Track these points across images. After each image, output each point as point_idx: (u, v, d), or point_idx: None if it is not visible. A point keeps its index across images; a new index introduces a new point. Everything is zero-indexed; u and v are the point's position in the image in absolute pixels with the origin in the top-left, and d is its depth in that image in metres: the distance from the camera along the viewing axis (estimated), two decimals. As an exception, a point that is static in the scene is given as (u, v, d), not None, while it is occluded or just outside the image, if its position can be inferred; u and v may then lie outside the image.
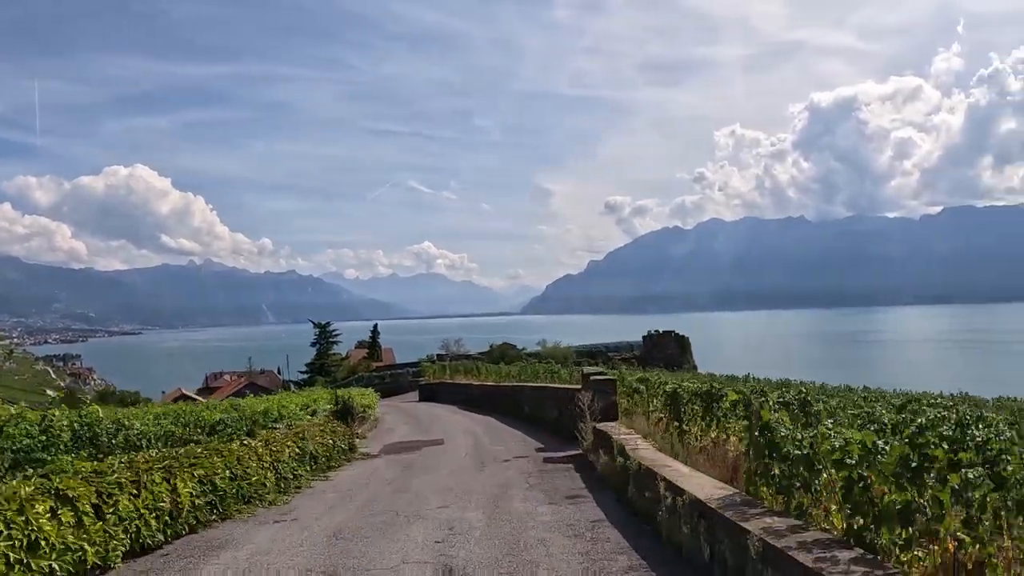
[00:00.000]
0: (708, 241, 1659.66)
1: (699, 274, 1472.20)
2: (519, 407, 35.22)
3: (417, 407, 50.33)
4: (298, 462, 18.20)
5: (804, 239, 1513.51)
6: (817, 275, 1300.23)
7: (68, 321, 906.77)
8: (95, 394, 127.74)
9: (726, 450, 12.46)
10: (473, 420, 35.85)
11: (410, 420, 38.24)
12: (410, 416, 41.19)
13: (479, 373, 55.99)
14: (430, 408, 48.08)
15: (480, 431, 30.37)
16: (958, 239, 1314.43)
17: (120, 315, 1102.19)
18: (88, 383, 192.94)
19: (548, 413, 29.36)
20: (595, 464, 17.87)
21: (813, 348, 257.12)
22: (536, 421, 31.25)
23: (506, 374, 49.66)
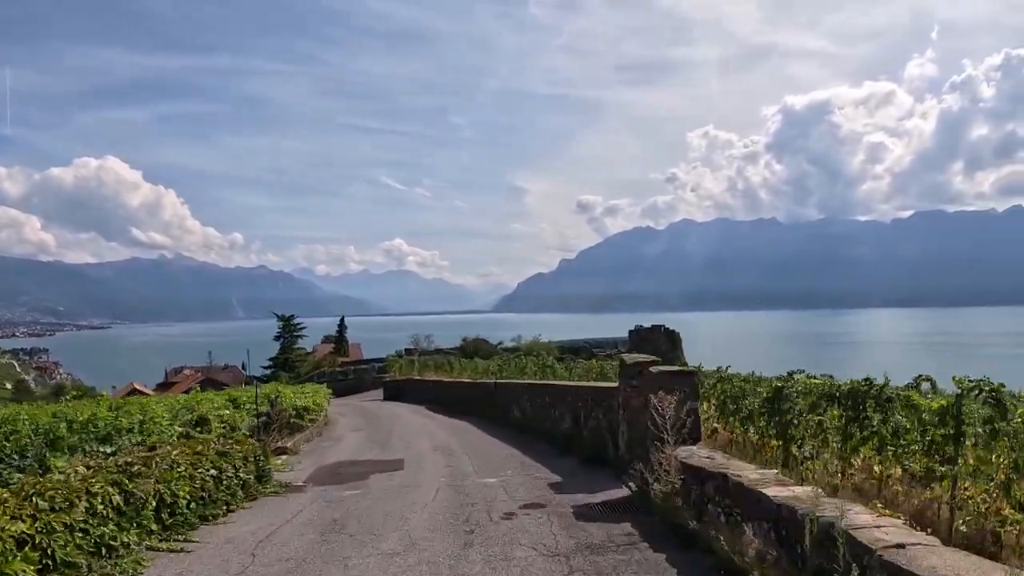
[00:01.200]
0: (680, 241, 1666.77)
1: (670, 274, 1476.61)
2: (505, 411, 28.22)
3: (379, 408, 44.20)
4: (114, 524, 9.87)
5: (775, 241, 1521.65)
6: (788, 277, 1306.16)
7: (36, 315, 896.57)
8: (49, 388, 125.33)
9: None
10: (446, 427, 28.56)
11: (367, 425, 30.88)
12: (368, 419, 34.09)
13: (451, 369, 49.93)
14: (394, 409, 42.13)
15: (456, 446, 22.29)
16: (928, 243, 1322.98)
17: (89, 309, 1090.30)
18: (54, 377, 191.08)
19: (556, 423, 21.22)
20: (696, 536, 9.86)
21: (789, 348, 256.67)
22: (533, 431, 23.60)
23: (484, 370, 42.00)
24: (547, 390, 23.66)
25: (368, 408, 43.82)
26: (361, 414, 38.43)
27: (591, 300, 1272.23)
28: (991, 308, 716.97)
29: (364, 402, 52.68)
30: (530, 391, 25.59)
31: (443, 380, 45.82)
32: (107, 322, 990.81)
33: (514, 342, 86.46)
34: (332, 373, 76.54)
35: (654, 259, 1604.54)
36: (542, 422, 23.18)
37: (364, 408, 43.99)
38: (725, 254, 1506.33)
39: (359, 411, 41.04)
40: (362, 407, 45.02)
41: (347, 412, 39.65)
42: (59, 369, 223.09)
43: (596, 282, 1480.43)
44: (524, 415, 25.76)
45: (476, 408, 32.95)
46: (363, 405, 47.75)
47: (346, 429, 29.75)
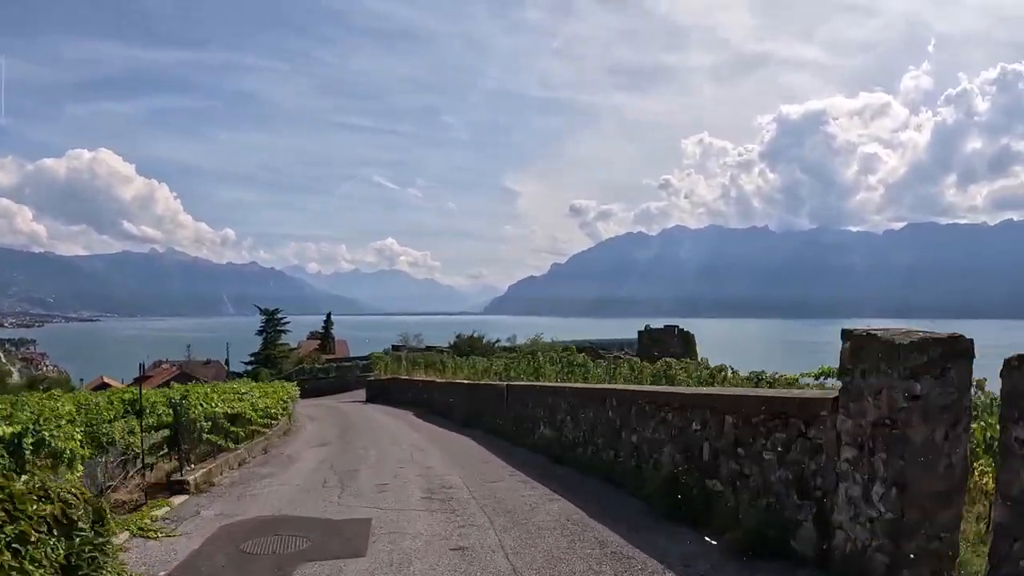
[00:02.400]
0: (672, 248, 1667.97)
1: (662, 280, 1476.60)
2: (523, 425, 20.93)
3: (358, 412, 38.75)
4: None
5: (768, 249, 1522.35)
6: (780, 285, 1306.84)
7: (25, 305, 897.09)
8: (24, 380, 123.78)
9: None
10: (441, 446, 20.88)
11: (336, 438, 23.98)
12: (341, 429, 27.44)
13: (444, 369, 43.55)
14: (375, 414, 36.51)
15: (465, 490, 13.51)
16: (920, 255, 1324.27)
17: (78, 301, 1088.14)
18: (40, 369, 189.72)
19: (639, 457, 12.62)
20: None
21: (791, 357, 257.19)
22: (583, 466, 15.12)
23: (484, 370, 36.23)
24: (613, 396, 14.40)
25: (345, 412, 38.22)
26: (334, 421, 32.26)
27: (583, 304, 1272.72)
28: (981, 321, 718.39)
29: (343, 403, 48.77)
30: (574, 398, 16.72)
31: (435, 381, 39.07)
32: (96, 315, 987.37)
33: (509, 342, 78.81)
34: (312, 370, 73.07)
35: (646, 265, 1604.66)
36: (601, 451, 14.57)
37: (340, 412, 38.44)
38: (717, 261, 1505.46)
39: (333, 416, 35.44)
40: (338, 410, 39.78)
41: (318, 417, 34.46)
42: (45, 361, 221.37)
43: (588, 286, 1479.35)
44: (560, 435, 17.27)
45: (480, 418, 26.41)
46: (340, 408, 42.79)
47: (306, 444, 22.41)
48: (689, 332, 69.71)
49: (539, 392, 20.29)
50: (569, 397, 17.17)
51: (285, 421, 26.58)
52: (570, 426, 16.73)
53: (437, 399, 36.45)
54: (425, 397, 39.52)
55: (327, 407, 43.56)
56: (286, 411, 27.65)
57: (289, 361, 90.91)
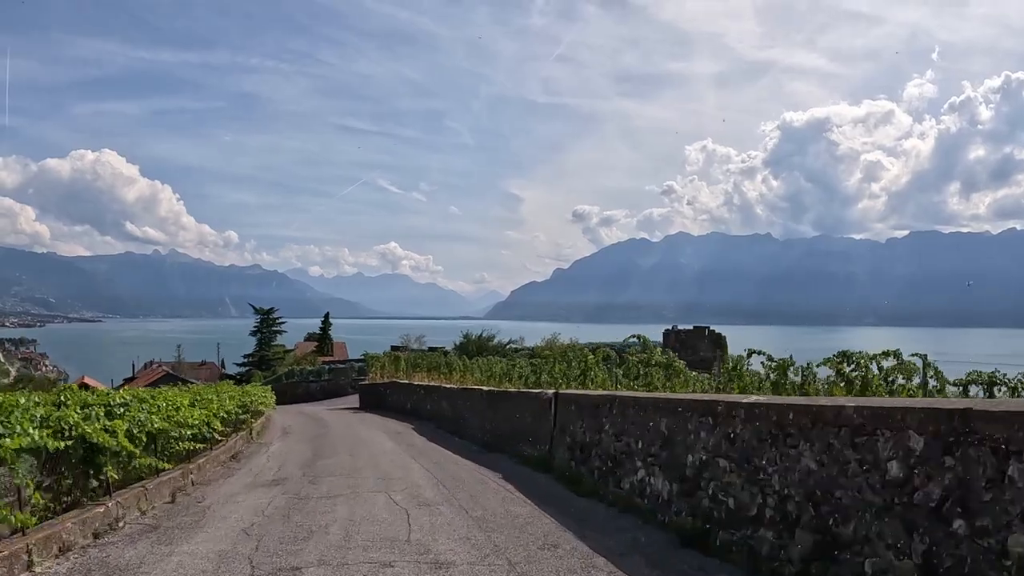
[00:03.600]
0: (674, 254, 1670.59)
1: (665, 286, 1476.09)
2: (589, 458, 13.82)
3: (346, 425, 31.39)
4: None
5: (770, 257, 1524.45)
6: (781, 293, 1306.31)
7: (27, 305, 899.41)
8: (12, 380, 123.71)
9: None
10: (465, 501, 12.63)
11: (294, 477, 15.84)
12: (311, 457, 19.49)
13: (450, 372, 37.11)
14: (366, 429, 28.90)
15: None
16: (923, 263, 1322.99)
17: (80, 302, 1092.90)
18: (40, 369, 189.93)
19: None
20: None
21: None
22: None
23: (503, 373, 29.49)
24: None
25: (329, 425, 31.48)
26: (312, 437, 25.76)
27: (585, 309, 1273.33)
28: (983, 330, 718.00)
29: (331, 412, 43.45)
30: (746, 426, 8.43)
31: (441, 387, 32.48)
32: (98, 315, 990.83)
33: (515, 343, 70.14)
34: (302, 373, 67.72)
35: (648, 271, 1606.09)
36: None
37: (323, 424, 31.88)
38: (719, 268, 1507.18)
39: (312, 429, 29.23)
40: (321, 422, 33.17)
41: (294, 430, 28.71)
42: (45, 361, 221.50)
43: (590, 292, 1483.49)
44: (701, 495, 9.24)
45: (510, 440, 19.53)
46: (325, 418, 36.35)
47: (247, 483, 15.12)
48: (721, 334, 63.31)
49: (632, 406, 12.07)
50: (728, 421, 8.76)
51: (240, 439, 22.08)
52: (731, 481, 8.55)
53: (444, 409, 30.15)
54: (429, 407, 33.44)
55: (311, 417, 37.97)
56: (244, 425, 23.81)
57: (285, 363, 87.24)
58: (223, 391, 23.36)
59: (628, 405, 12.29)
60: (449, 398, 29.95)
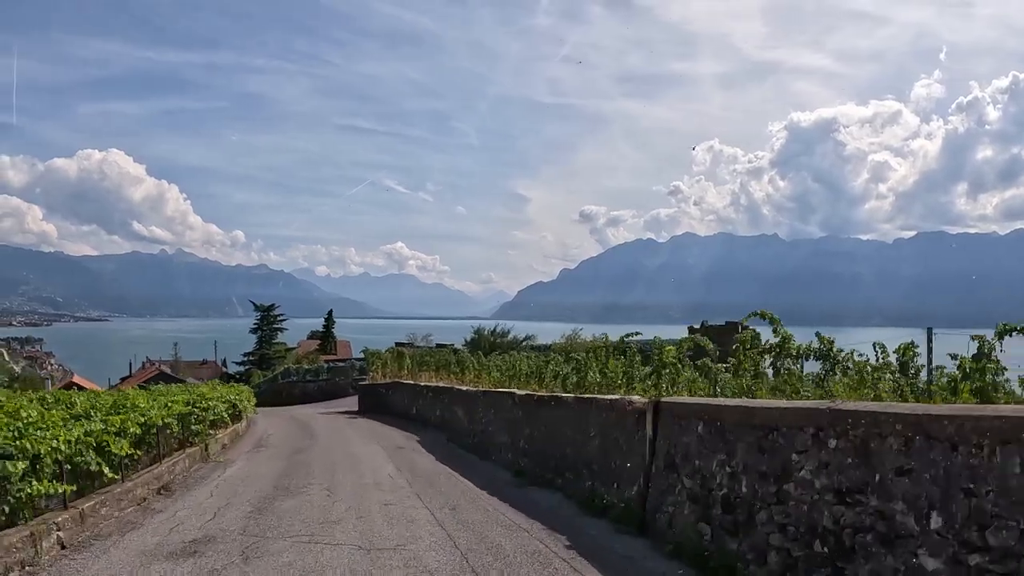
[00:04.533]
0: (681, 254, 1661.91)
1: (671, 286, 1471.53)
2: (736, 510, 8.66)
3: (338, 437, 27.43)
4: None
5: (776, 257, 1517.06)
6: (788, 293, 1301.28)
7: (35, 304, 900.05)
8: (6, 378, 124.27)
9: None
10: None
11: (230, 534, 11.18)
12: (271, 491, 15.26)
13: (463, 371, 32.23)
14: (361, 444, 24.87)
15: None
16: (930, 264, 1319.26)
17: (87, 301, 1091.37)
18: (45, 368, 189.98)
19: None
20: None
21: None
22: None
23: (532, 371, 23.45)
24: None
25: (316, 436, 27.93)
26: (287, 456, 21.51)
27: (592, 310, 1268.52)
28: (990, 331, 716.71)
29: (325, 416, 39.81)
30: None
31: (454, 389, 28.20)
32: (105, 315, 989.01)
33: (531, 340, 63.83)
34: (300, 372, 64.37)
35: (655, 271, 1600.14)
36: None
37: (310, 435, 28.32)
38: (726, 268, 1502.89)
39: (294, 441, 25.77)
40: (309, 431, 29.92)
41: (272, 443, 25.35)
42: (51, 360, 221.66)
43: (597, 292, 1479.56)
44: None
45: (561, 469, 15.14)
46: (315, 426, 32.88)
47: (146, 551, 10.32)
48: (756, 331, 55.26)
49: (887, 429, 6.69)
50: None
51: (184, 459, 17.85)
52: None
53: (458, 417, 25.93)
54: (438, 412, 29.43)
55: (299, 423, 34.55)
56: (198, 438, 19.85)
57: (286, 362, 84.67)
58: (172, 393, 21.36)
59: (882, 425, 6.72)
60: (466, 403, 25.18)
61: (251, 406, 34.64)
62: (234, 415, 27.62)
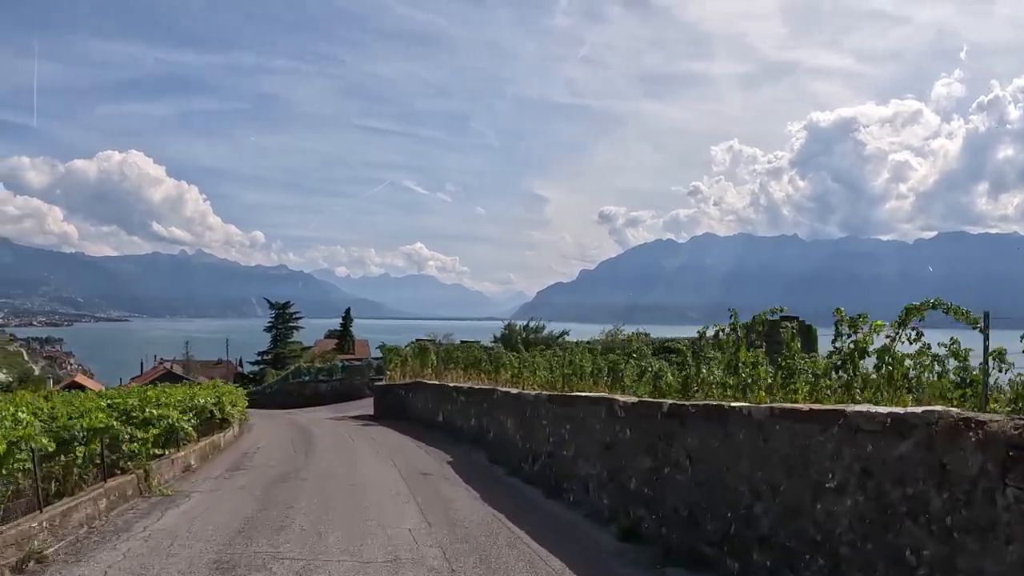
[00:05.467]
0: (701, 255, 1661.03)
1: (691, 287, 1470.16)
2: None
3: (345, 450, 23.15)
4: None
5: (796, 258, 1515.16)
6: (808, 294, 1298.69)
7: (56, 304, 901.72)
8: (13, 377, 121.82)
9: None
10: None
11: None
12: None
13: (497, 370, 27.51)
14: (372, 465, 19.91)
15: None
16: (951, 264, 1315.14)
17: (108, 301, 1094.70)
18: (64, 367, 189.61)
19: None
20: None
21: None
22: None
23: (598, 370, 19.33)
24: None
25: (315, 451, 22.68)
26: (265, 487, 16.21)
27: (611, 310, 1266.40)
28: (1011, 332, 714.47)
29: (335, 423, 34.74)
30: None
31: (498, 392, 21.91)
32: (125, 315, 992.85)
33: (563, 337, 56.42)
34: (311, 371, 59.57)
35: (674, 272, 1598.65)
36: None
37: (307, 449, 23.42)
38: (746, 269, 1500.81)
39: (281, 466, 19.60)
40: (307, 444, 24.82)
41: (252, 466, 19.64)
42: (70, 360, 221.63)
43: (616, 293, 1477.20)
44: None
45: (735, 545, 8.90)
46: (317, 436, 27.62)
47: None
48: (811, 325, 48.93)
49: None
50: None
51: (114, 493, 13.52)
52: None
53: (507, 433, 19.81)
54: (474, 422, 24.02)
55: (300, 431, 29.85)
56: (135, 461, 14.98)
57: (302, 361, 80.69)
58: (110, 398, 17.94)
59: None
60: (518, 412, 18.57)
61: (237, 411, 28.94)
62: (215, 423, 23.87)
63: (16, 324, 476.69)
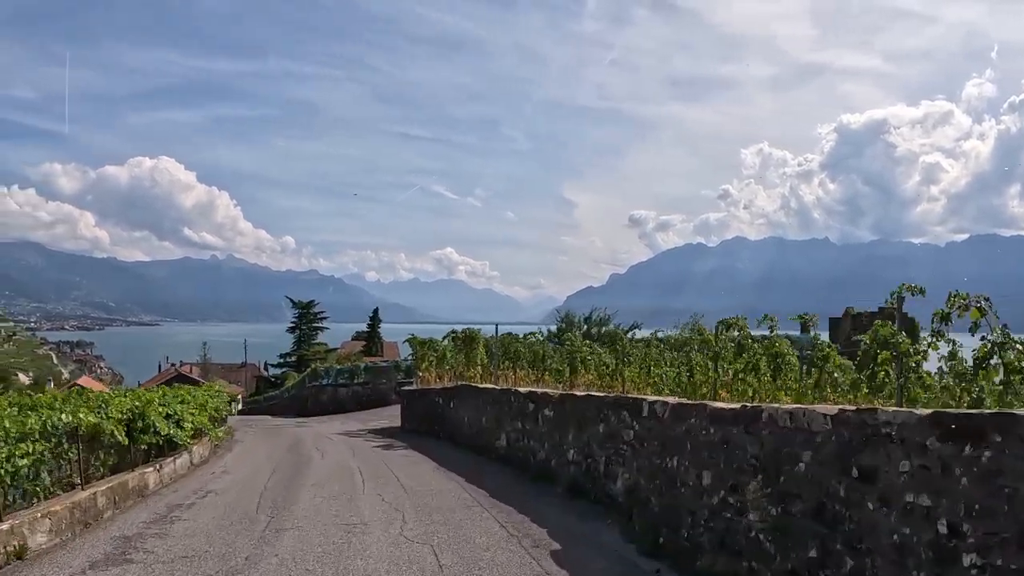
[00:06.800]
0: (731, 259, 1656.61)
1: (721, 291, 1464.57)
2: None
3: (351, 510, 13.30)
4: None
5: (828, 261, 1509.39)
6: (839, 298, 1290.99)
7: (87, 309, 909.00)
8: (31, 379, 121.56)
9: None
10: None
11: None
12: None
13: (574, 371, 21.13)
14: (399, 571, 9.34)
15: None
16: (983, 267, 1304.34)
17: (139, 306, 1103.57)
18: (94, 371, 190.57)
19: None
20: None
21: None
22: None
23: None
24: None
25: (294, 509, 13.53)
26: None
27: (641, 314, 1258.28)
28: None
29: (345, 442, 26.18)
30: None
31: (627, 404, 12.06)
32: (157, 319, 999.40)
33: (639, 327, 42.04)
34: (331, 373, 50.22)
35: (705, 276, 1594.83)
36: None
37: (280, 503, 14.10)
38: (776, 273, 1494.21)
39: (216, 544, 10.88)
40: (285, 492, 15.49)
41: (167, 541, 11.15)
42: (100, 363, 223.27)
43: (646, 297, 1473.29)
44: None
45: None
46: (308, 475, 17.93)
47: None
48: (913, 318, 41.99)
49: None
50: None
51: None
52: None
53: (682, 481, 9.72)
54: (574, 455, 14.61)
55: (294, 459, 21.50)
56: None
57: (318, 363, 71.75)
58: None
59: None
60: (704, 442, 9.21)
61: (208, 423, 21.76)
62: (137, 450, 15.76)
63: (48, 328, 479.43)
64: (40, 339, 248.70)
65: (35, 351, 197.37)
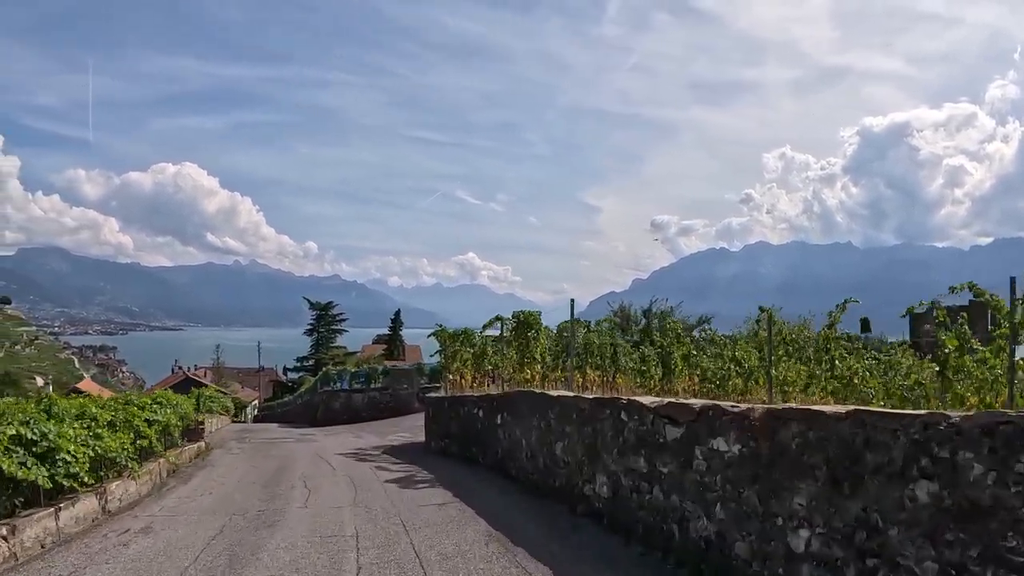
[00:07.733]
0: (754, 264, 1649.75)
1: (744, 296, 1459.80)
2: None
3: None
4: None
5: (851, 266, 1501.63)
6: (863, 302, 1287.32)
7: (111, 314, 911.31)
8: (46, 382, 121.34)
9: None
10: None
11: None
12: None
13: (670, 373, 18.41)
14: None
15: None
16: (1008, 271, 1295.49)
17: (162, 311, 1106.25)
18: (116, 375, 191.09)
19: None
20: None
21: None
22: None
23: None
24: None
25: None
26: None
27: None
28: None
29: (352, 468, 18.80)
30: None
31: None
32: (180, 324, 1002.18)
33: (708, 322, 38.99)
34: (345, 376, 45.10)
35: (727, 280, 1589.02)
36: None
37: None
38: (799, 278, 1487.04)
39: None
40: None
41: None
42: (122, 367, 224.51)
43: (669, 302, 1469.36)
44: None
45: None
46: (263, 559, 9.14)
47: None
48: None
49: None
50: None
51: None
52: None
53: None
54: (816, 548, 6.59)
55: (265, 503, 13.93)
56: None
57: (331, 366, 64.45)
58: None
59: None
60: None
61: (96, 450, 12.26)
62: (37, 491, 10.50)
63: (72, 332, 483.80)
64: (63, 343, 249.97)
65: (56, 355, 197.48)
